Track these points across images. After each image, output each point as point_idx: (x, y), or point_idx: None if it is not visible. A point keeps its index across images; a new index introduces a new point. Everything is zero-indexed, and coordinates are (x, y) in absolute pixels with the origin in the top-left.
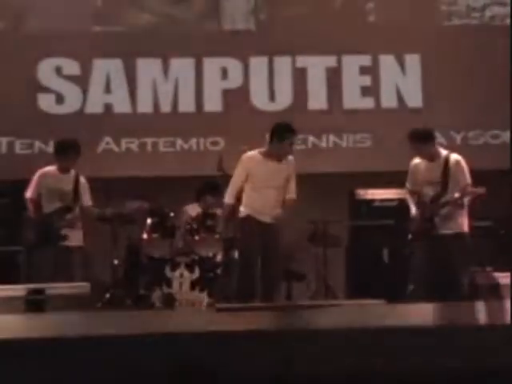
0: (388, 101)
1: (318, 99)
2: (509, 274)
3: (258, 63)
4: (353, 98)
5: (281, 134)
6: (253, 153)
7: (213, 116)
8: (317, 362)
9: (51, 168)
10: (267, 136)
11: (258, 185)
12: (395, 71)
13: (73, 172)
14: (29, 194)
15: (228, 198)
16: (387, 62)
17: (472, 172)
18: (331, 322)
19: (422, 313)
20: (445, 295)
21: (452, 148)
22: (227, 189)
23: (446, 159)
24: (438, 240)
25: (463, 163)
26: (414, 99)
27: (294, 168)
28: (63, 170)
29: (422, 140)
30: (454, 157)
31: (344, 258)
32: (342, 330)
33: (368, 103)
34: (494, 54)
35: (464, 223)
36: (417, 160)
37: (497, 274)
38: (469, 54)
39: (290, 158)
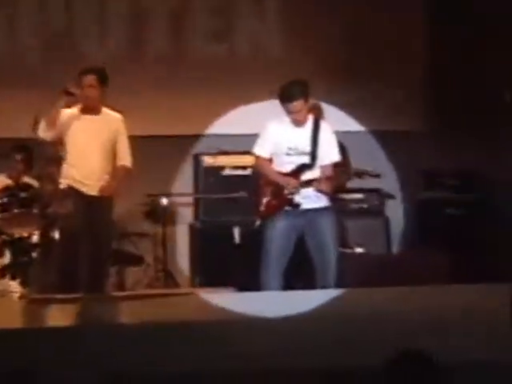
0: (242, 48)
1: None
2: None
3: None
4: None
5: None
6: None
7: None
8: (151, 357)
9: None
10: None
11: (75, 148)
12: (252, 16)
13: None
14: None
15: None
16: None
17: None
18: (169, 314)
19: (276, 302)
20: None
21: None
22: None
23: (316, 125)
24: (302, 216)
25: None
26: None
27: (123, 127)
28: None
29: (301, 95)
30: (324, 124)
31: (188, 239)
32: (186, 323)
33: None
34: None
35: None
36: (274, 122)
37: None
38: None
39: (115, 114)
